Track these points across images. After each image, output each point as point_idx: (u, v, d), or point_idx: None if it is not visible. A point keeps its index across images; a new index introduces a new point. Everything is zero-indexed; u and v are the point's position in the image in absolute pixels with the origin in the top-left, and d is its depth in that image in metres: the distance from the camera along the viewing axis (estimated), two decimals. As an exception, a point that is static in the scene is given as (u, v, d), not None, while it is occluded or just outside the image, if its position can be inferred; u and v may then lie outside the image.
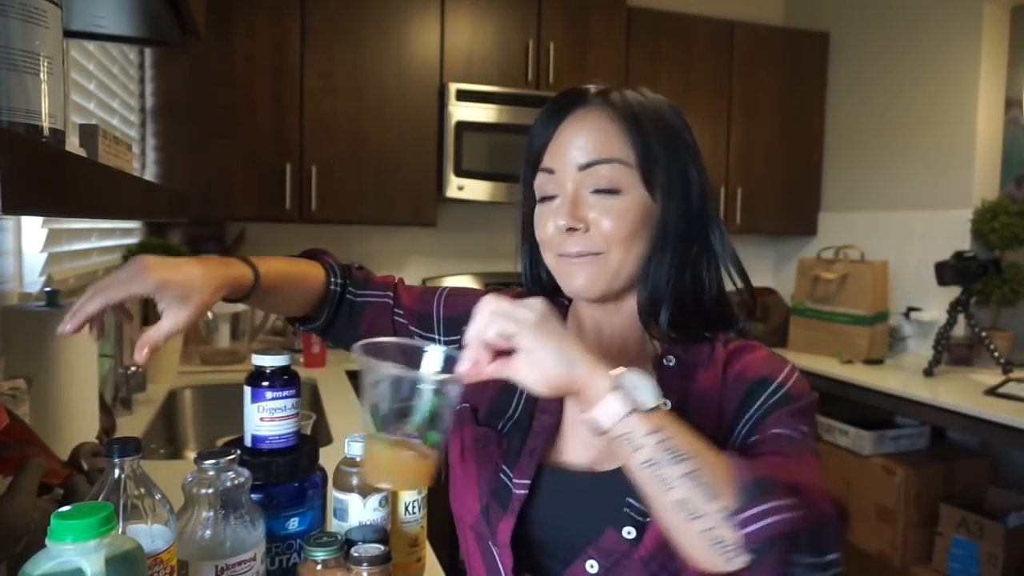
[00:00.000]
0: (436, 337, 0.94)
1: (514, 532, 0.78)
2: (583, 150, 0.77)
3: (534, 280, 0.91)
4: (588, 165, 0.77)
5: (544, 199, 0.82)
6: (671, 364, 0.81)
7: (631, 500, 0.74)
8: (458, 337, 0.94)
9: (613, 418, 0.62)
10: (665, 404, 0.64)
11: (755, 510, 0.60)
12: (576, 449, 0.82)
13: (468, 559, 0.87)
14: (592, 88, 0.81)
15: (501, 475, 0.81)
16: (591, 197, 0.77)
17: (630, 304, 0.82)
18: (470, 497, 0.83)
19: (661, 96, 0.82)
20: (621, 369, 0.64)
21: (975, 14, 2.79)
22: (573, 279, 0.79)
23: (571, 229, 0.77)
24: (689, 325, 0.80)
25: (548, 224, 0.80)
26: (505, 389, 0.87)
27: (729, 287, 0.83)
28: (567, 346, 0.64)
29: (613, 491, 0.76)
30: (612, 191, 0.77)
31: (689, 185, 0.79)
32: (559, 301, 0.92)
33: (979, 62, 2.78)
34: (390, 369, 0.64)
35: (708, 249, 0.81)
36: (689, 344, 0.81)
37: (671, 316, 0.79)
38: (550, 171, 0.80)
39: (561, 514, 0.79)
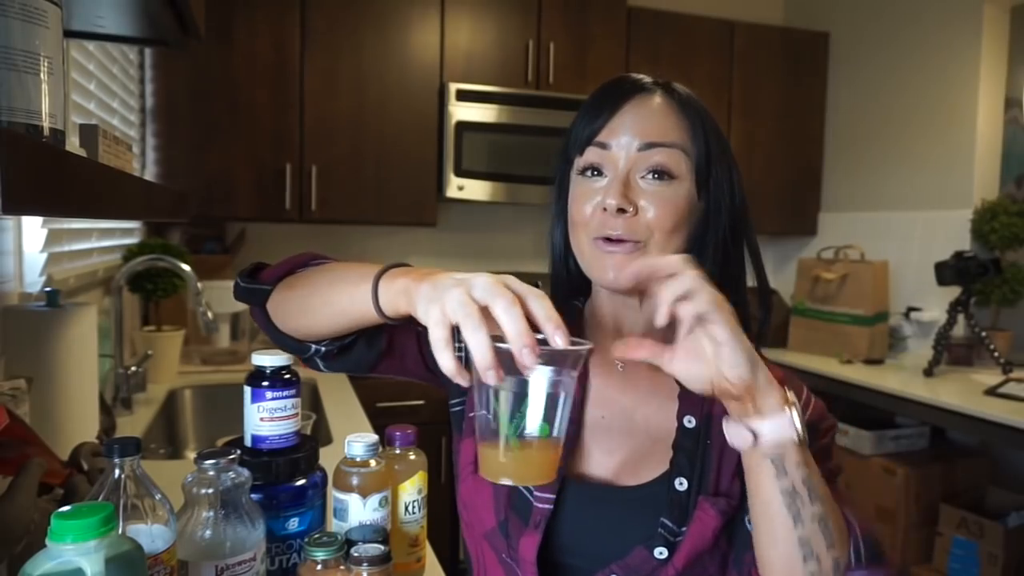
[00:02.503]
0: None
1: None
2: (645, 131, 0.75)
3: (561, 273, 0.88)
4: (648, 146, 0.75)
5: (589, 171, 0.78)
6: None
7: (665, 520, 0.73)
8: None
9: (779, 437, 0.59)
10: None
11: (862, 573, 0.62)
12: (597, 460, 0.79)
13: (479, 563, 0.85)
14: (647, 78, 0.80)
15: (520, 487, 0.79)
16: (641, 182, 0.75)
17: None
18: (484, 509, 0.80)
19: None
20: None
21: (975, 14, 2.79)
22: (606, 270, 0.76)
23: (621, 210, 0.74)
24: None
25: (590, 202, 0.77)
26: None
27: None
28: (749, 345, 0.59)
29: (643, 508, 0.75)
30: (667, 176, 0.75)
31: (734, 186, 0.79)
32: (574, 303, 0.90)
33: (979, 62, 2.78)
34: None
35: (740, 254, 0.80)
36: None
37: None
38: (604, 146, 0.77)
39: (584, 528, 0.77)
